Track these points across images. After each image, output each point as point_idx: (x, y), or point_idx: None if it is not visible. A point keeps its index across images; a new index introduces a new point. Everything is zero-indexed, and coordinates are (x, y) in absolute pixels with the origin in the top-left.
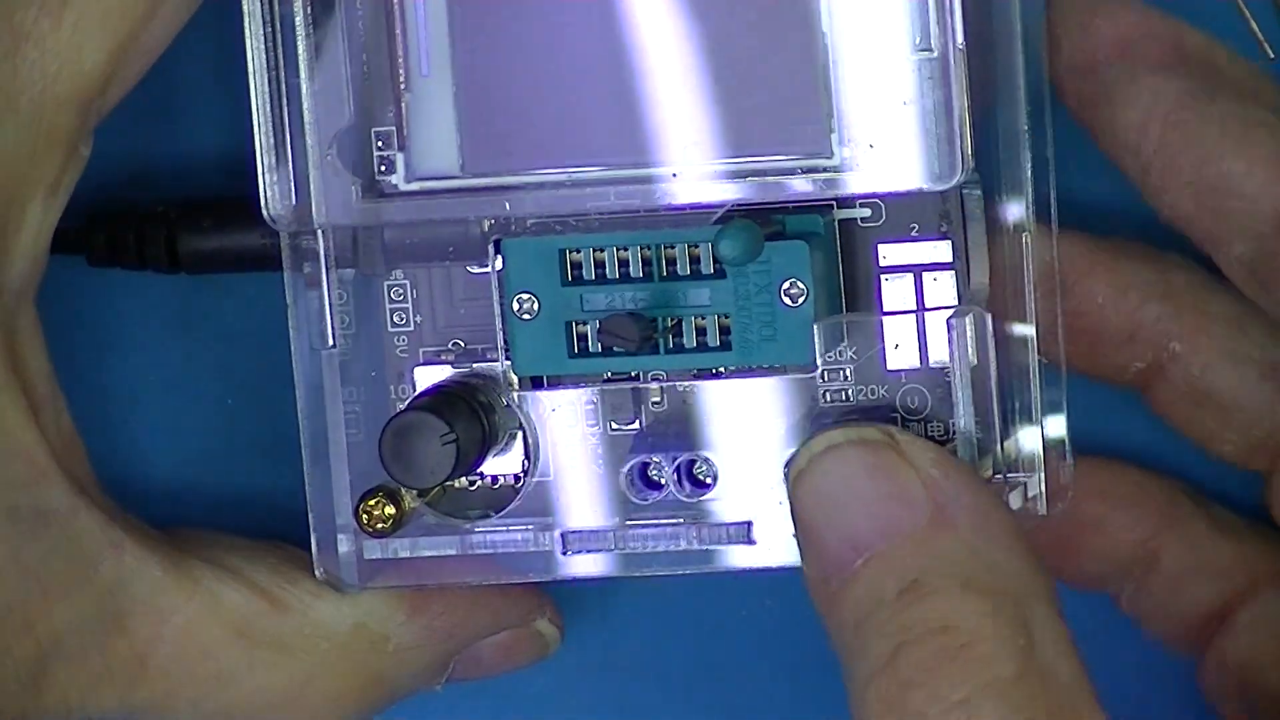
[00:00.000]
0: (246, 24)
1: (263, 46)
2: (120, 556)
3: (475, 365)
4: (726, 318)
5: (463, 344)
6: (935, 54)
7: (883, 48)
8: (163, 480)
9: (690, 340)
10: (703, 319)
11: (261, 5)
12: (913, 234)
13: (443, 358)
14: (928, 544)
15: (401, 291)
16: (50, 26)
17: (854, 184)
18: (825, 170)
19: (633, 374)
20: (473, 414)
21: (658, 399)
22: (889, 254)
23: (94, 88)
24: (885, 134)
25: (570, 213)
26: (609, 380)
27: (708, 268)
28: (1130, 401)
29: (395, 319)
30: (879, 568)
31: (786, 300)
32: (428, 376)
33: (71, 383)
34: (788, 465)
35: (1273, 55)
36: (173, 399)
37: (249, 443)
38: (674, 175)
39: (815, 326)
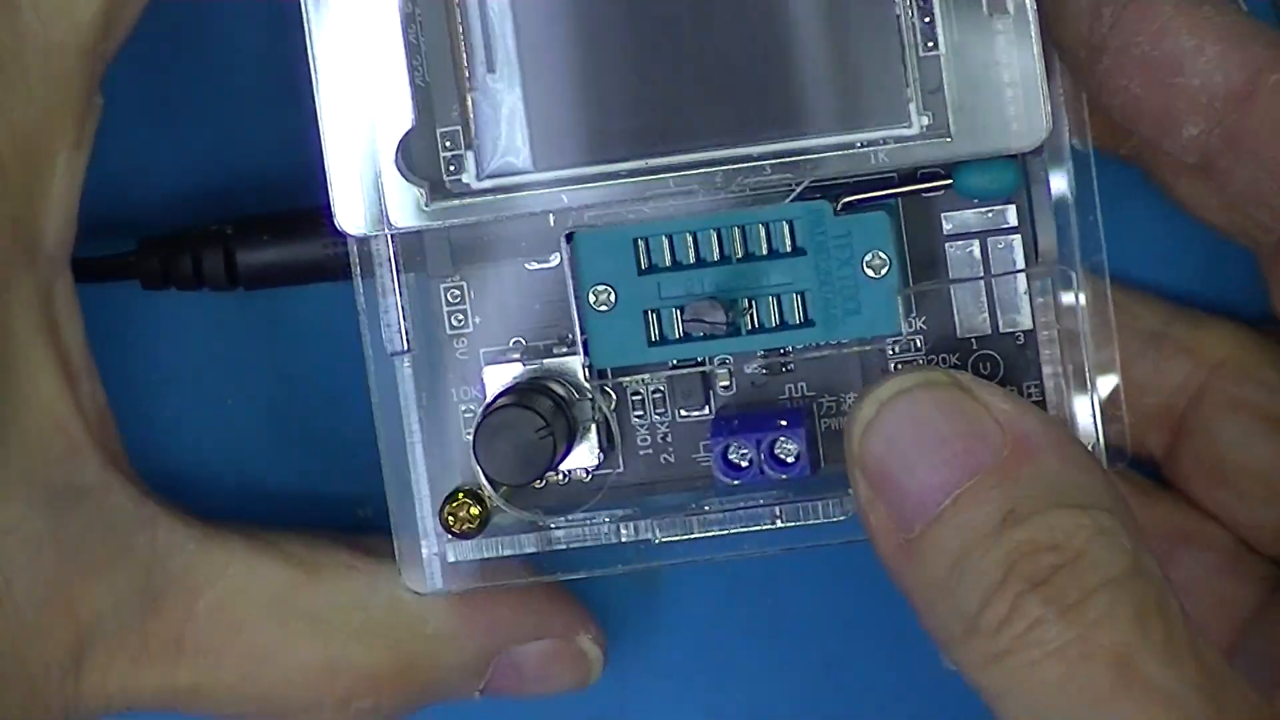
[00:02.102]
0: (309, 34)
1: (326, 56)
2: (154, 532)
3: (545, 361)
4: (804, 294)
5: (524, 341)
6: (1011, 14)
7: (958, 11)
8: (203, 487)
9: (772, 319)
10: (781, 297)
11: (318, 15)
12: (975, 201)
13: (509, 356)
14: (1013, 475)
15: (459, 293)
16: None
17: (936, 151)
18: (907, 139)
19: (699, 360)
20: (557, 408)
21: (726, 383)
22: (953, 221)
23: (94, 34)
24: (965, 98)
25: (648, 200)
26: (676, 367)
27: (784, 246)
28: None
29: (453, 321)
30: (971, 503)
31: (869, 272)
32: (497, 376)
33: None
34: (850, 416)
35: None
36: (215, 403)
37: (292, 444)
38: (751, 157)
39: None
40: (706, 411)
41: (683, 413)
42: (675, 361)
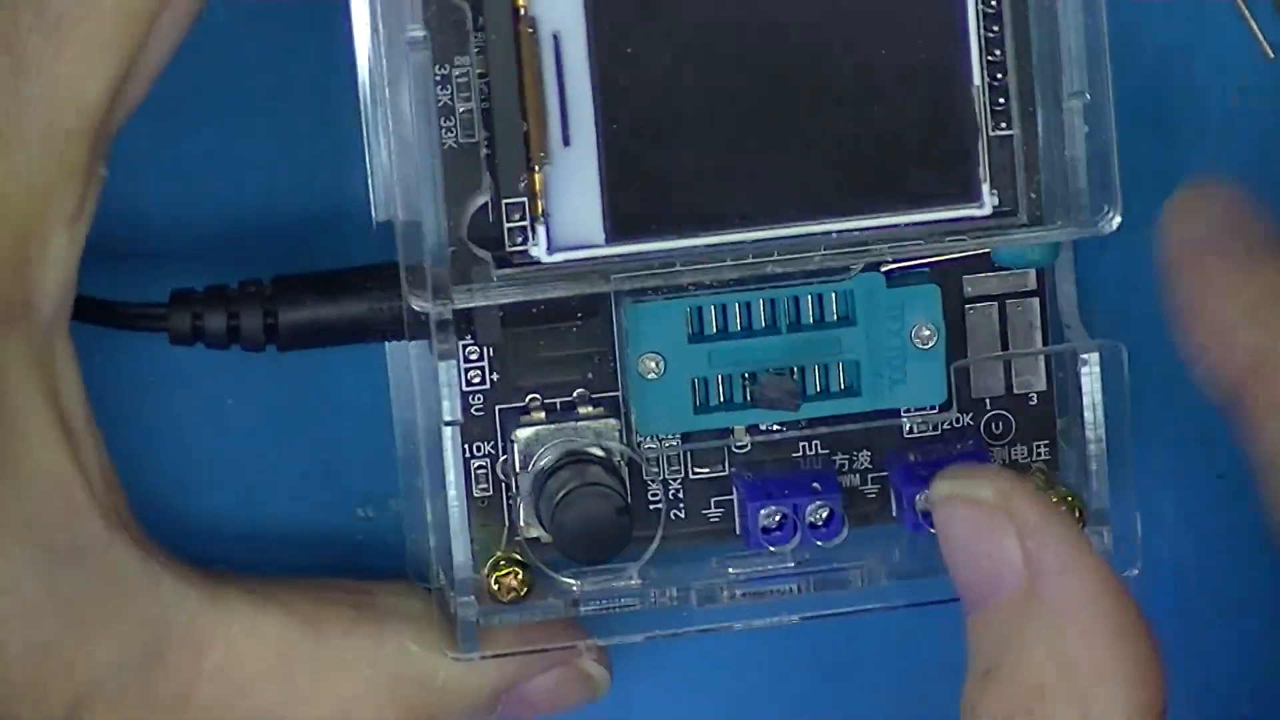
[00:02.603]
0: (385, 101)
1: (401, 121)
2: (157, 591)
3: (577, 424)
4: (853, 365)
5: (540, 399)
6: (1088, 96)
7: (1034, 92)
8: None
9: (816, 389)
10: (829, 367)
11: (391, 82)
12: (999, 266)
13: (532, 415)
14: (1015, 619)
15: (476, 351)
16: (52, 57)
17: (1005, 233)
18: (978, 220)
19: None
20: (613, 473)
21: (743, 443)
22: (973, 284)
23: (100, 115)
24: (1037, 179)
25: (721, 279)
26: (692, 436)
27: (835, 316)
28: None
29: (470, 378)
30: (974, 636)
31: (918, 343)
32: (527, 436)
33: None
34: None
35: (1272, 55)
36: (215, 409)
37: (293, 443)
38: (827, 234)
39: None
40: (720, 469)
41: (696, 470)
42: (684, 433)
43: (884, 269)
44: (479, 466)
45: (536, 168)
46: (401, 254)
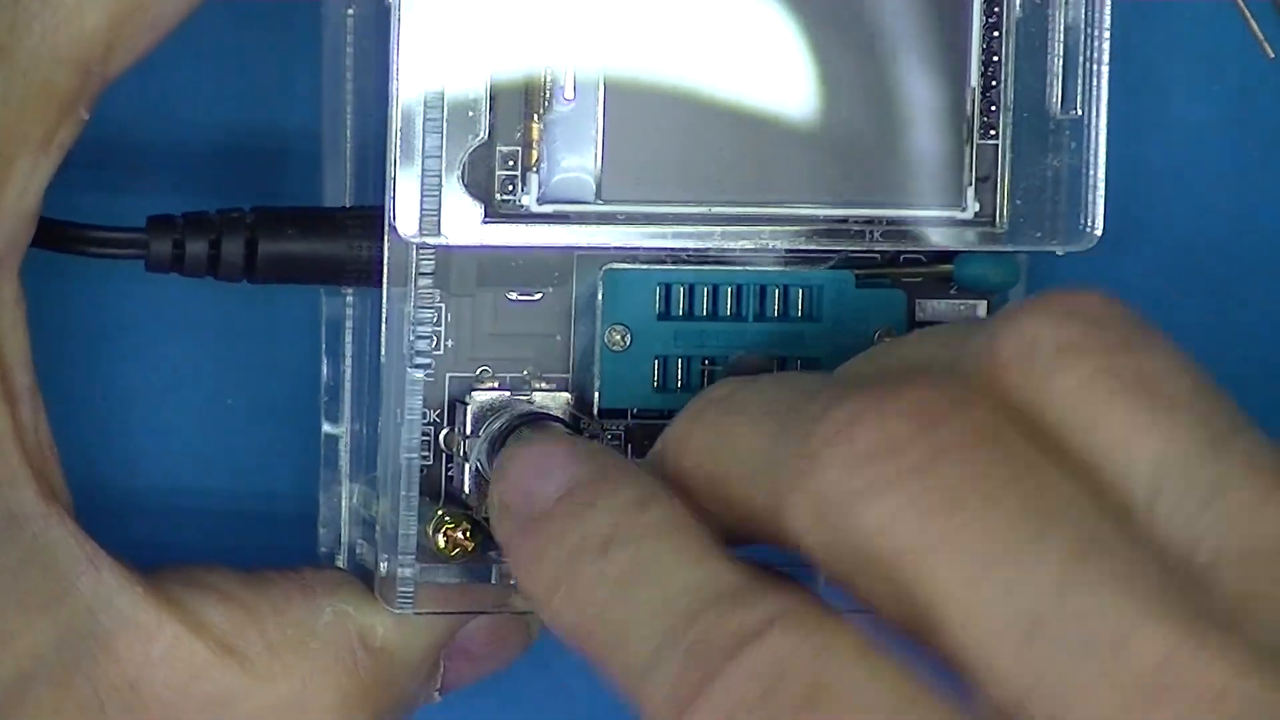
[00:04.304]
0: (393, 43)
1: (408, 57)
2: (99, 574)
3: (534, 395)
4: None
5: (490, 371)
6: (1079, 115)
7: (1027, 106)
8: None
9: None
10: (787, 362)
11: (399, 23)
12: (950, 292)
13: (486, 384)
14: None
15: (434, 315)
16: None
17: (984, 240)
18: (958, 224)
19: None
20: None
21: None
22: (926, 309)
23: (96, 49)
24: (1019, 189)
25: (707, 247)
26: (640, 414)
27: (803, 311)
28: None
29: (419, 347)
30: None
31: None
32: (482, 399)
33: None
34: None
35: (1272, 55)
36: (212, 397)
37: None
38: (815, 219)
39: None
40: None
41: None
42: (636, 410)
43: (859, 271)
44: (423, 433)
45: (535, 117)
46: (393, 186)
